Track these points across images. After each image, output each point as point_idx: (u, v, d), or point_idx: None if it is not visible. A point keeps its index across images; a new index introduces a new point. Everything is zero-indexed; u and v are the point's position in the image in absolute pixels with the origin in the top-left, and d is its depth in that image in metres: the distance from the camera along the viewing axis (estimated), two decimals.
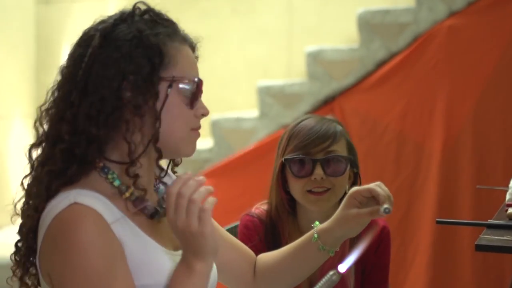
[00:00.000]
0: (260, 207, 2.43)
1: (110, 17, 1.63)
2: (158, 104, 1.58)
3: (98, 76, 1.56)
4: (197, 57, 1.70)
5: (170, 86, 1.59)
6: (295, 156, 2.32)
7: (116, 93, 1.56)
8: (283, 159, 2.34)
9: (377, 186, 1.79)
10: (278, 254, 1.89)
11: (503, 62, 4.07)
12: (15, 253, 1.64)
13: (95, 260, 1.48)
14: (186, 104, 1.61)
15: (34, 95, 5.52)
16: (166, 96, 1.58)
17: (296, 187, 2.33)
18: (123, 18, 1.62)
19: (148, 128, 1.57)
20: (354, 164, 2.38)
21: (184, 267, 1.54)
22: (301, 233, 2.33)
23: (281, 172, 2.36)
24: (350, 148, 2.39)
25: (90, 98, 1.56)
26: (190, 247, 1.53)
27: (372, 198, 1.79)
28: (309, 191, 2.31)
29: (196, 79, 1.62)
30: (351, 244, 2.32)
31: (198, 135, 1.65)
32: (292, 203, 2.38)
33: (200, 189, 1.53)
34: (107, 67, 1.56)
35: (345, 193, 2.32)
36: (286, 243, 2.08)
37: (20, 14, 5.58)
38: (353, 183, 2.38)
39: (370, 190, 1.79)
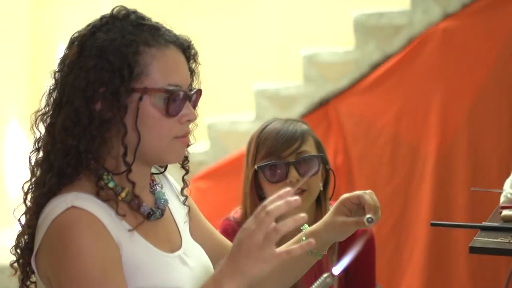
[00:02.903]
0: (239, 211, 2.44)
1: (91, 22, 1.62)
2: (129, 117, 1.56)
3: (72, 87, 1.56)
4: (194, 56, 1.67)
5: (140, 98, 1.56)
6: (267, 163, 2.33)
7: (88, 106, 1.55)
8: (256, 167, 2.35)
9: (367, 194, 1.78)
10: None
11: (497, 64, 4.07)
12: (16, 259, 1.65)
13: (90, 266, 1.48)
14: (164, 113, 1.57)
15: (29, 98, 5.52)
16: (137, 108, 1.56)
17: (273, 193, 2.34)
18: (102, 24, 1.60)
19: (126, 139, 1.57)
20: (325, 161, 2.39)
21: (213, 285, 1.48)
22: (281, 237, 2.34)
23: (254, 179, 2.37)
24: (319, 146, 2.41)
25: (66, 109, 1.56)
26: (237, 264, 1.43)
27: (362, 206, 1.78)
28: None
29: (173, 88, 1.58)
30: (333, 249, 2.33)
31: (184, 142, 1.62)
32: None
33: (282, 204, 1.43)
34: (80, 78, 1.55)
35: (320, 190, 2.36)
36: None
37: (15, 17, 5.58)
38: (326, 180, 2.40)
39: (359, 197, 1.78)
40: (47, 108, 1.62)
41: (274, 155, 2.34)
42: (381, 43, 4.32)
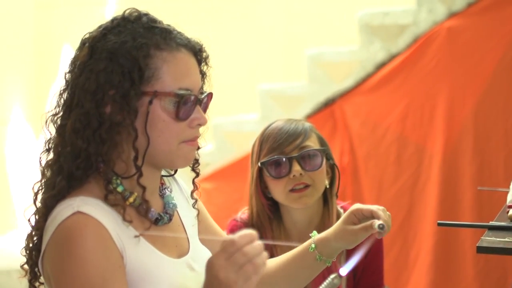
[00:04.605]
0: (246, 212, 2.44)
1: (102, 24, 1.61)
2: (139, 120, 1.55)
3: (83, 89, 1.55)
4: (205, 59, 1.66)
5: (150, 102, 1.55)
6: (270, 158, 2.34)
7: (98, 108, 1.54)
8: (259, 163, 2.35)
9: (380, 210, 1.77)
10: (276, 262, 1.87)
11: (503, 63, 4.06)
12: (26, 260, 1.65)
13: (92, 272, 1.48)
14: (174, 117, 1.56)
15: (33, 100, 5.52)
16: (147, 112, 1.55)
17: (278, 189, 2.35)
18: (113, 26, 1.59)
19: (137, 143, 1.56)
20: (329, 156, 2.40)
21: None
22: (287, 236, 2.35)
23: (259, 178, 2.37)
24: (322, 142, 2.42)
25: (76, 111, 1.56)
26: None
27: (372, 218, 1.77)
28: (291, 190, 2.33)
29: (184, 92, 1.57)
30: (342, 254, 2.33)
31: (193, 145, 1.61)
32: (273, 208, 2.39)
33: (263, 255, 1.39)
34: (90, 81, 1.55)
35: (326, 188, 2.37)
36: (271, 249, 2.08)
37: (19, 18, 5.59)
38: (332, 178, 2.40)
39: (372, 212, 1.77)
40: (58, 109, 1.61)
41: (277, 150, 2.34)
42: (386, 43, 4.31)
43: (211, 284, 1.38)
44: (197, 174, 1.75)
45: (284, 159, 2.33)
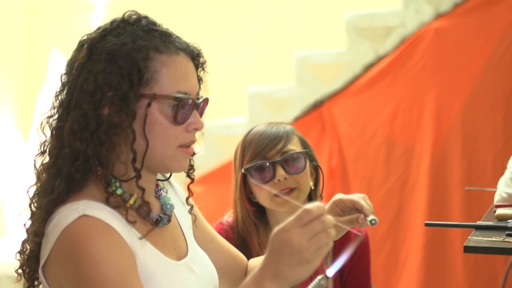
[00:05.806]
0: (232, 215, 2.44)
1: (101, 26, 1.60)
2: (137, 123, 1.54)
3: (81, 91, 1.54)
4: (202, 64, 1.67)
5: (149, 104, 1.54)
6: (254, 164, 2.34)
7: (96, 110, 1.54)
8: (243, 170, 2.35)
9: (361, 199, 1.78)
10: (261, 260, 1.88)
11: (490, 63, 4.08)
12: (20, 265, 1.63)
13: (108, 272, 1.46)
14: (171, 121, 1.56)
15: (22, 104, 5.51)
16: (146, 114, 1.54)
17: (262, 194, 2.35)
18: (113, 27, 1.58)
19: (135, 145, 1.55)
20: (311, 157, 2.40)
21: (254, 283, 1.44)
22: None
23: (243, 184, 2.37)
24: (304, 144, 2.42)
25: (74, 113, 1.55)
26: (279, 266, 1.39)
27: (355, 209, 1.79)
28: (276, 195, 2.33)
29: (182, 95, 1.56)
30: (328, 255, 2.33)
31: (188, 152, 1.61)
32: (258, 213, 2.39)
33: (333, 229, 1.41)
34: (89, 82, 1.54)
35: (311, 189, 2.37)
36: (257, 254, 2.08)
37: (6, 23, 5.57)
38: (316, 178, 2.41)
39: (353, 202, 1.78)
40: (53, 111, 1.60)
41: (260, 156, 2.34)
42: (373, 44, 4.32)
43: (280, 249, 1.39)
44: (192, 180, 1.76)
45: (267, 164, 2.33)
